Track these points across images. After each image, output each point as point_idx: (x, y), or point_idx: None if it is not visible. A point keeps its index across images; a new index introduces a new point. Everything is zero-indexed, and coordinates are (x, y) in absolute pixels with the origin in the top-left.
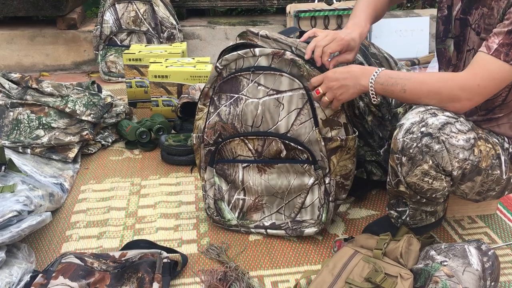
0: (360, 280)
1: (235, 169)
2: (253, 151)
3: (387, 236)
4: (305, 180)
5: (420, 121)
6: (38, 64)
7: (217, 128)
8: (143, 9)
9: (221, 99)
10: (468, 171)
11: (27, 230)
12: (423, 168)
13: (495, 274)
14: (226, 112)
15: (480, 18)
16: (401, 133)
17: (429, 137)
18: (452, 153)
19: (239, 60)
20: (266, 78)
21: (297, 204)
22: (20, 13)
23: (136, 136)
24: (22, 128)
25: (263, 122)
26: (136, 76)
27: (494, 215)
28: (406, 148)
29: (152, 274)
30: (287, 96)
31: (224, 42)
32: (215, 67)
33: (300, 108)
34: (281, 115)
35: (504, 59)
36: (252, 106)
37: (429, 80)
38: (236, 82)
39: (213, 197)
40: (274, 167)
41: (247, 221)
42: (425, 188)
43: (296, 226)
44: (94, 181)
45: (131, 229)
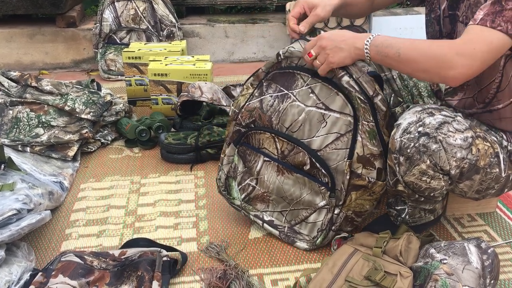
0: (359, 278)
1: (256, 159)
2: (279, 151)
3: (386, 234)
4: (317, 200)
5: (417, 120)
6: (38, 62)
7: (254, 114)
8: (142, 7)
9: (270, 88)
10: (466, 170)
11: (26, 229)
12: (421, 167)
13: (494, 272)
14: (269, 103)
15: (467, 9)
16: (398, 133)
17: (426, 137)
18: (449, 152)
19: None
20: (321, 89)
21: (301, 216)
22: (19, 11)
23: (135, 134)
24: (22, 126)
25: (299, 129)
26: (136, 74)
27: (494, 213)
28: (404, 148)
29: (151, 272)
30: (334, 116)
31: (224, 40)
32: (277, 54)
33: (341, 134)
34: (320, 132)
35: (490, 25)
36: (296, 110)
37: (425, 44)
38: (292, 78)
39: (226, 173)
40: (292, 174)
41: (249, 207)
42: (423, 187)
43: (291, 234)
44: (93, 180)
45: (131, 228)
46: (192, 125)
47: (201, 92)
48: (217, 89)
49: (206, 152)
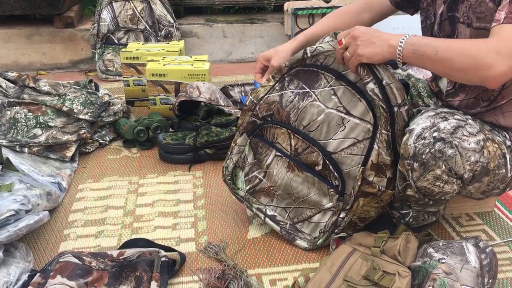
0: (358, 278)
1: (268, 152)
2: (292, 148)
3: (385, 234)
4: (324, 201)
5: (431, 126)
6: (35, 63)
7: (273, 108)
8: (140, 7)
9: (292, 84)
10: (478, 173)
11: (24, 230)
12: (436, 173)
13: (493, 271)
14: (289, 99)
15: (469, 10)
16: (412, 138)
17: (442, 142)
18: (464, 156)
19: (329, 58)
20: (344, 93)
21: (305, 215)
22: (17, 12)
23: (133, 135)
24: (19, 127)
25: (317, 130)
26: (134, 75)
27: (492, 212)
28: (419, 154)
29: (150, 273)
30: (353, 122)
31: (222, 40)
32: (303, 51)
33: (358, 140)
34: (337, 135)
35: None
36: (315, 110)
37: (463, 43)
38: (316, 77)
39: (234, 162)
40: (303, 173)
41: (253, 199)
42: (435, 192)
43: (292, 231)
44: (91, 180)
45: (129, 228)
46: (190, 125)
47: (199, 92)
48: (215, 89)
49: (204, 152)
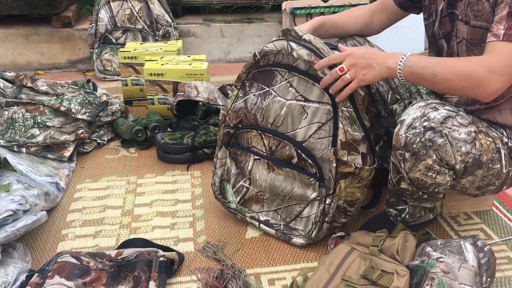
0: (356, 277)
1: (247, 158)
2: (267, 148)
3: (383, 233)
4: (308, 192)
5: (421, 115)
6: (33, 63)
7: (240, 114)
8: (138, 6)
9: (252, 87)
10: (470, 164)
11: (22, 230)
12: (427, 162)
13: (491, 270)
14: (253, 102)
15: (467, 7)
16: (403, 128)
17: (432, 131)
18: (455, 146)
19: (278, 55)
20: (299, 82)
21: (295, 211)
22: (14, 12)
23: (132, 135)
24: (17, 127)
25: (283, 124)
26: (132, 74)
27: (490, 211)
28: (410, 143)
29: (148, 272)
30: (313, 107)
31: (220, 40)
32: (253, 54)
33: (322, 123)
34: (302, 124)
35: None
36: (278, 105)
37: (460, 64)
38: (271, 75)
39: (220, 176)
40: (282, 170)
41: (245, 209)
42: (428, 183)
43: (287, 231)
44: (90, 180)
45: (127, 228)
46: (189, 125)
47: (197, 92)
48: (213, 89)
49: (202, 152)
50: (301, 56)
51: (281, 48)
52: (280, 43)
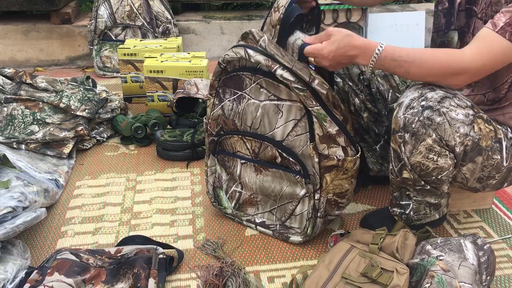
0: (356, 275)
1: (234, 163)
2: (250, 151)
3: (383, 231)
4: (297, 190)
5: (419, 96)
6: (32, 59)
7: (219, 122)
8: (137, 3)
9: (226, 93)
10: (470, 148)
11: (21, 227)
12: (427, 143)
13: (490, 268)
14: (229, 108)
15: (488, 7)
16: (401, 110)
17: (430, 110)
18: (453, 126)
19: (241, 60)
20: (267, 83)
21: (288, 210)
22: (13, 8)
23: (131, 132)
24: (17, 123)
25: (261, 125)
26: (131, 71)
27: (490, 209)
28: (408, 123)
29: (148, 270)
30: (287, 105)
31: (220, 37)
32: (218, 63)
33: (297, 120)
34: (279, 123)
35: (509, 38)
36: (253, 107)
37: (435, 60)
38: (239, 79)
39: (212, 184)
40: (269, 170)
41: (241, 213)
42: (430, 168)
43: (284, 231)
44: (89, 177)
45: (127, 225)
46: (188, 122)
47: (197, 89)
48: None
49: (202, 149)
50: (259, 61)
51: (239, 56)
52: (238, 50)
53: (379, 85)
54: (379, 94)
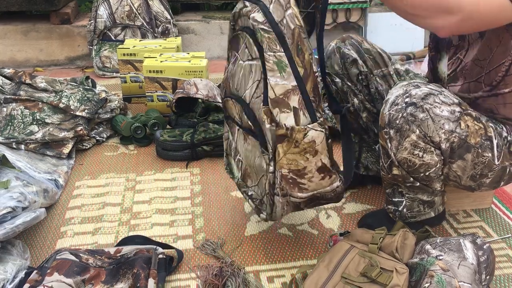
0: (356, 275)
1: (234, 129)
2: (238, 116)
3: (382, 231)
4: (263, 162)
5: (404, 93)
6: (32, 59)
7: (224, 84)
8: (137, 3)
9: (231, 57)
10: (457, 145)
11: (21, 227)
12: (412, 139)
13: (490, 268)
14: (229, 70)
15: None
16: (387, 107)
17: (413, 106)
18: (437, 123)
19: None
20: (248, 41)
21: (262, 184)
22: (13, 8)
23: (131, 132)
24: (16, 124)
25: (240, 87)
26: (131, 71)
27: (489, 209)
28: (393, 120)
29: (147, 270)
30: (256, 64)
31: (219, 37)
32: (229, 20)
33: (258, 80)
34: (249, 84)
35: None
36: (238, 69)
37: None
38: (237, 40)
39: (225, 151)
40: (249, 138)
41: (243, 184)
42: (417, 164)
43: (260, 207)
44: (89, 177)
45: (126, 225)
46: (188, 122)
47: (196, 89)
48: (212, 86)
49: (201, 149)
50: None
51: (239, 8)
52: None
53: (378, 85)
54: (378, 94)
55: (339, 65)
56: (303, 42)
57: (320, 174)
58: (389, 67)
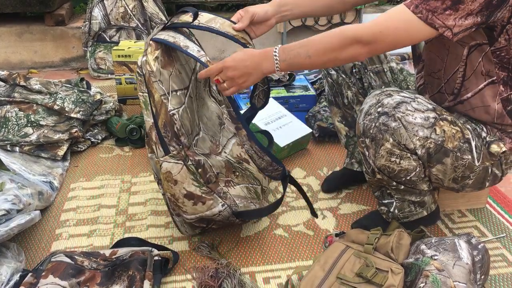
0: (351, 275)
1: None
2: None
3: (378, 231)
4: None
5: (376, 102)
6: (26, 61)
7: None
8: (132, 4)
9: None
10: (433, 150)
11: (16, 229)
12: (386, 147)
13: (485, 268)
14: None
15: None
16: (361, 116)
17: (385, 115)
18: (410, 130)
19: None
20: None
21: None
22: (7, 10)
23: (126, 133)
24: (10, 126)
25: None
26: (126, 73)
27: (484, 209)
28: (367, 129)
29: (143, 272)
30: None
31: (214, 38)
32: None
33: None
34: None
35: (413, 10)
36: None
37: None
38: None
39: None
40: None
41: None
42: (396, 170)
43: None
44: (84, 179)
45: (122, 227)
46: None
47: None
48: None
49: None
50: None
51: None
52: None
53: (371, 80)
54: (371, 88)
55: None
56: (153, 86)
57: (189, 200)
58: (384, 64)
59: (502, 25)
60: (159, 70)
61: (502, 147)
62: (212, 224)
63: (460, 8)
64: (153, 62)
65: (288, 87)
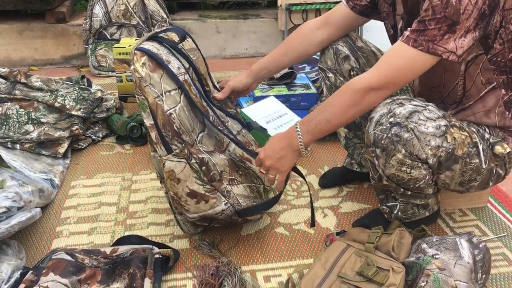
0: (352, 274)
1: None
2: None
3: (379, 230)
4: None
5: (388, 112)
6: (27, 59)
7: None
8: (133, 2)
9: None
10: (444, 159)
11: (16, 227)
12: (398, 157)
13: (486, 267)
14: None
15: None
16: (371, 126)
17: (397, 126)
18: (423, 140)
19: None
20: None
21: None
22: (8, 7)
23: (127, 131)
24: (11, 123)
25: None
26: (127, 70)
27: (485, 208)
28: (378, 140)
29: (143, 269)
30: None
31: (215, 36)
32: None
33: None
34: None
35: (412, 45)
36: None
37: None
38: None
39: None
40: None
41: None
42: (405, 179)
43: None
44: (84, 177)
45: (122, 225)
46: None
47: None
48: None
49: None
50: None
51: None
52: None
53: None
54: None
55: (332, 60)
56: (145, 90)
57: (192, 199)
58: None
59: (495, 31)
60: (148, 74)
61: (506, 147)
62: (214, 222)
63: (457, 29)
64: (140, 68)
65: (289, 85)
